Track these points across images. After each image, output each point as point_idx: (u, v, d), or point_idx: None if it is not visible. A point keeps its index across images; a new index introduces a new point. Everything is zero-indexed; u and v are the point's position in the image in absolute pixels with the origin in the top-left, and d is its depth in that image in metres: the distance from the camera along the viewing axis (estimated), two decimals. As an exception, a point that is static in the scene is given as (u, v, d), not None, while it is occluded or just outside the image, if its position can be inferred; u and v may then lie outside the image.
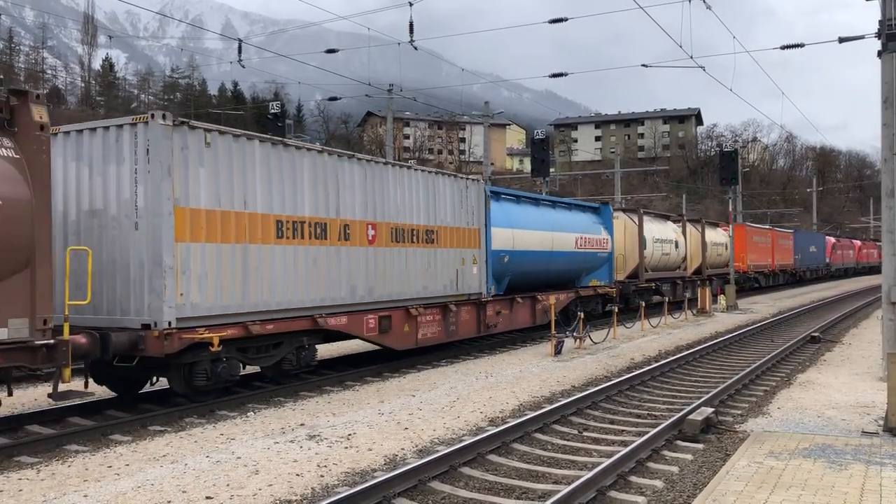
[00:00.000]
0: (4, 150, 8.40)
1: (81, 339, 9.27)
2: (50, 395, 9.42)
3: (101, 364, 10.33)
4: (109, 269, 10.46)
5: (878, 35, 13.25)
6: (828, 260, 61.80)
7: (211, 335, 10.51)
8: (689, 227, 33.42)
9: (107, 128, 10.72)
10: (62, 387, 9.25)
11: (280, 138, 13.18)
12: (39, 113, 8.71)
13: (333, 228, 13.07)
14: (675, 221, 32.72)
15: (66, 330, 8.97)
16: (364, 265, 13.77)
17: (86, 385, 10.02)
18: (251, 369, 12.97)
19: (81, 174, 10.82)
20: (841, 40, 17.65)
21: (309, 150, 12.96)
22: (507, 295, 18.49)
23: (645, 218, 27.92)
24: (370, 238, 13.96)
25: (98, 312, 10.35)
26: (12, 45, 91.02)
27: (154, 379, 11.76)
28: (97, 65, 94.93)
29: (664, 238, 29.49)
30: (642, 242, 26.81)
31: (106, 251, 10.48)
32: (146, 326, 10.13)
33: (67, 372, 8.99)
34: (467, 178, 17.68)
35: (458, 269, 16.60)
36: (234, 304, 11.18)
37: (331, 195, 13.09)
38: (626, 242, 26.25)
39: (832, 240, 65.56)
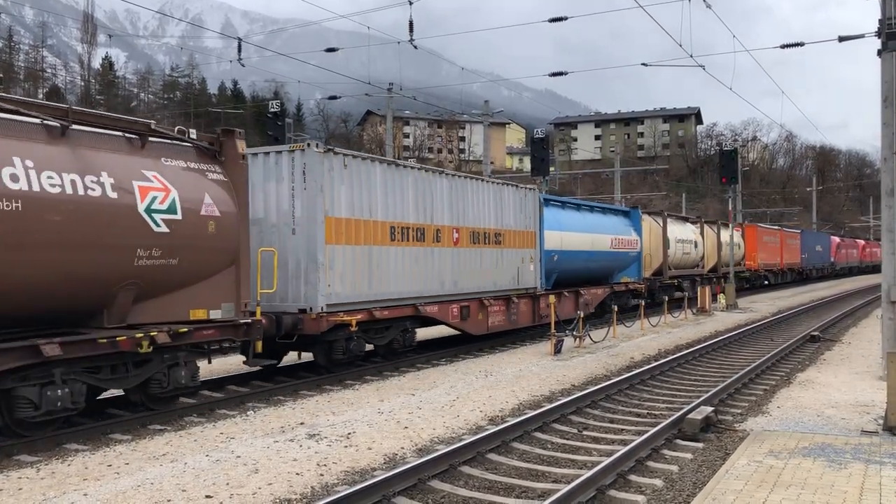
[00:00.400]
0: (217, 175, 10.99)
1: (264, 319, 11.82)
2: (245, 362, 12.05)
3: (267, 340, 12.39)
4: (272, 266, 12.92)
5: (878, 34, 13.24)
6: (832, 259, 63.54)
7: (349, 318, 13.27)
8: (706, 228, 35.61)
9: (267, 153, 13.51)
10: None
11: (393, 160, 16.86)
12: (241, 146, 11.38)
13: (429, 232, 15.86)
14: (693, 223, 34.98)
15: (258, 312, 11.64)
16: (450, 263, 16.50)
17: (252, 356, 11.78)
18: (248, 368, 12.99)
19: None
20: (841, 39, 17.65)
21: (412, 168, 15.96)
22: (554, 289, 20.73)
23: (668, 220, 30.03)
24: (455, 240, 16.69)
25: (269, 300, 12.49)
26: (12, 44, 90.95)
27: (299, 355, 14.77)
28: (97, 64, 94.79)
29: (685, 238, 31.82)
30: (666, 243, 29.05)
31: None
32: (302, 311, 12.81)
33: (259, 344, 11.56)
34: (526, 188, 20.16)
35: (518, 267, 19.25)
36: (363, 294, 13.99)
37: (427, 205, 15.81)
38: (652, 243, 28.12)
39: (837, 239, 67.28)
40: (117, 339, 9.49)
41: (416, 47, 22.81)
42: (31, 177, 8.56)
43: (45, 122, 9.04)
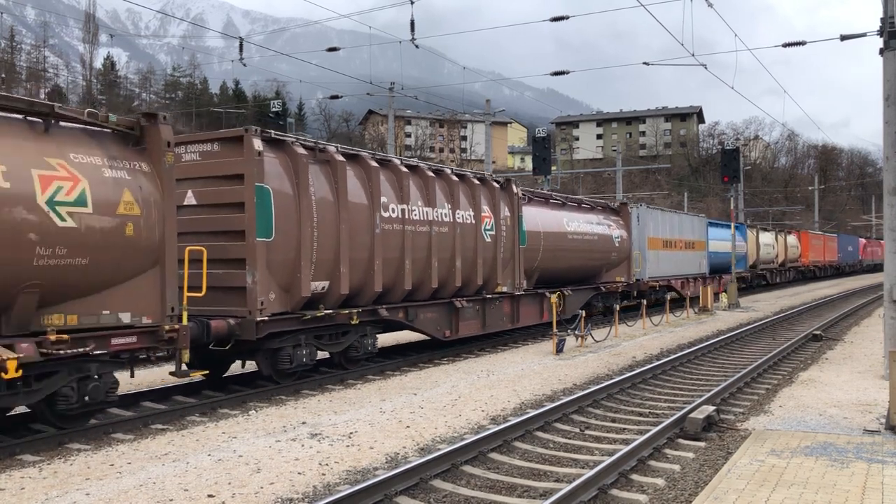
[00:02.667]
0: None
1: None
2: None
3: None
4: None
5: (880, 33, 13.22)
6: (860, 257, 77.29)
7: (654, 284, 28.16)
8: (778, 234, 51.02)
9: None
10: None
11: (687, 213, 33.74)
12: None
13: (679, 244, 30.32)
14: (770, 231, 50.10)
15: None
16: (679, 258, 30.21)
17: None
18: (250, 366, 13.00)
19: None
20: (843, 38, 17.62)
21: (677, 213, 31.67)
22: (712, 274, 34.68)
23: (758, 230, 46.10)
24: (679, 246, 30.25)
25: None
26: (14, 44, 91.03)
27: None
28: (98, 63, 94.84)
29: (767, 242, 46.92)
30: (758, 246, 44.37)
31: None
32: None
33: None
34: (700, 215, 35.91)
35: (699, 262, 33.05)
36: (659, 273, 28.04)
37: (674, 230, 29.91)
38: (749, 246, 42.43)
39: (863, 241, 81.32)
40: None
41: (417, 47, 22.81)
42: None
43: None
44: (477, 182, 17.35)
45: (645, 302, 23.71)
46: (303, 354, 12.63)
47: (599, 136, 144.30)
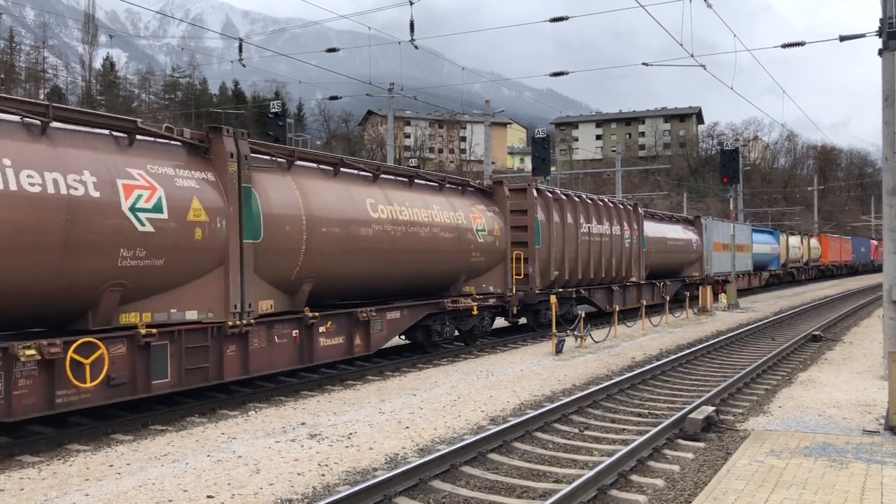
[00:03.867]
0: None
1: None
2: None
3: None
4: None
5: (879, 33, 13.22)
6: (872, 257, 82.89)
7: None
8: (803, 237, 57.86)
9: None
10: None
11: (738, 222, 39.01)
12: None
13: (732, 247, 34.81)
14: (798, 234, 57.90)
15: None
16: (733, 258, 34.68)
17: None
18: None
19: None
20: (842, 38, 17.62)
21: (736, 224, 35.19)
22: (755, 271, 42.92)
23: (788, 234, 54.29)
24: (732, 248, 34.72)
25: None
26: (13, 45, 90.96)
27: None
28: (98, 64, 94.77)
29: (795, 245, 54.78)
30: (787, 248, 51.81)
31: None
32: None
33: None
34: (746, 223, 42.52)
35: (746, 260, 40.11)
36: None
37: (733, 236, 34.40)
38: (781, 247, 49.71)
39: (875, 242, 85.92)
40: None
41: (416, 47, 22.81)
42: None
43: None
44: (621, 207, 25.75)
45: (645, 302, 24.49)
46: (548, 313, 19.73)
47: (599, 137, 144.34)
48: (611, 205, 24.78)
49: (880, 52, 13.15)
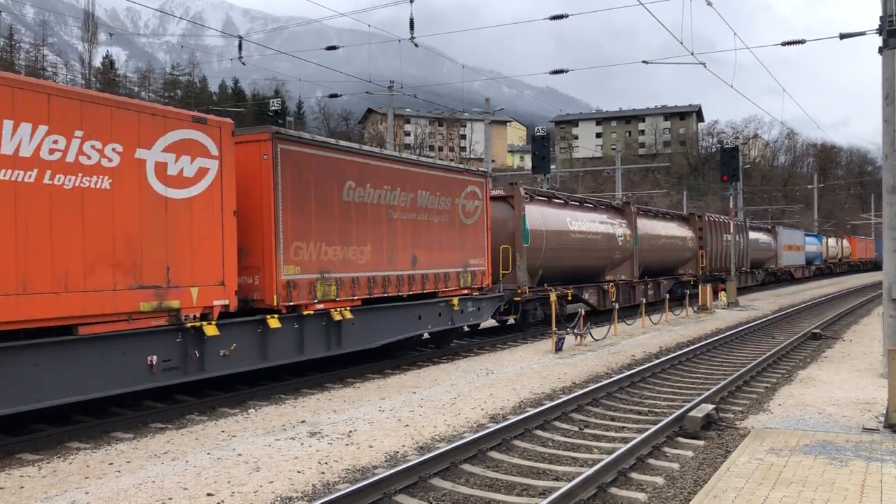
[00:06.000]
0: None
1: None
2: None
3: None
4: None
5: (879, 31, 13.21)
6: None
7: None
8: (832, 238, 69.98)
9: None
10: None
11: (797, 229, 58.66)
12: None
13: (794, 247, 51.82)
14: (832, 237, 70.74)
15: None
16: (796, 256, 52.23)
17: None
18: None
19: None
20: (842, 37, 17.59)
21: (795, 230, 56.66)
22: (807, 265, 56.73)
23: (827, 237, 67.27)
24: (794, 249, 51.42)
25: None
26: (13, 43, 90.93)
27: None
28: (98, 62, 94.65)
29: (833, 245, 66.72)
30: (828, 248, 63.10)
31: None
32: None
33: None
34: (800, 230, 57.85)
35: (802, 258, 54.03)
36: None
37: (794, 239, 52.69)
38: (824, 247, 62.70)
39: None
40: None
41: (416, 45, 22.79)
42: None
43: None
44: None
45: (644, 301, 24.65)
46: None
47: (599, 135, 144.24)
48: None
49: (880, 51, 13.14)
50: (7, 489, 7.21)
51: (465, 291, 16.65)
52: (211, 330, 10.34)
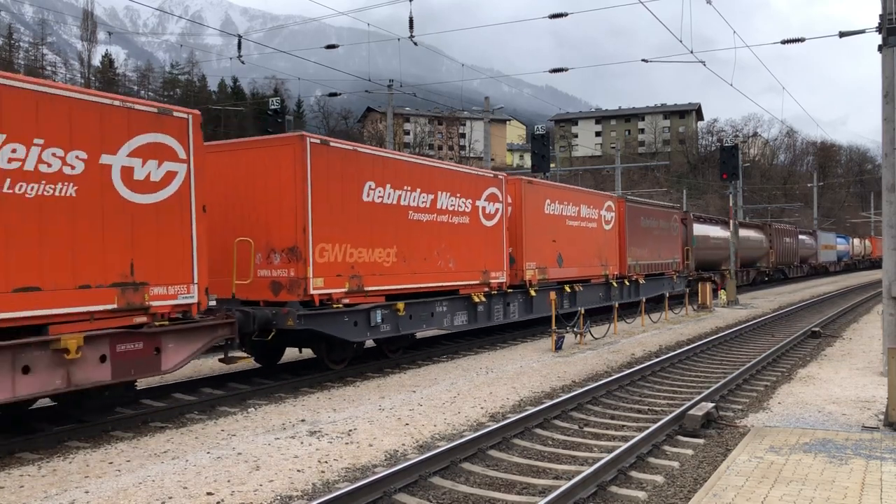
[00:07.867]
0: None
1: None
2: None
3: None
4: None
5: (879, 29, 13.21)
6: None
7: None
8: (857, 239, 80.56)
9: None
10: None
11: (832, 232, 67.75)
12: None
13: (829, 246, 64.80)
14: (858, 237, 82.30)
15: None
16: (831, 253, 64.58)
17: None
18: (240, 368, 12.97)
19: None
20: (841, 35, 17.59)
21: (830, 232, 67.03)
22: (838, 261, 68.30)
23: (855, 237, 77.42)
24: (829, 247, 63.97)
25: None
26: (12, 42, 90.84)
27: None
28: (97, 61, 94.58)
29: (857, 244, 74.05)
30: (853, 246, 69.71)
31: None
32: None
33: None
34: (831, 232, 68.76)
35: (834, 256, 65.79)
36: None
37: (827, 240, 64.23)
38: (850, 246, 71.03)
39: None
40: None
41: (416, 44, 22.78)
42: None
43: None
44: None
45: (644, 299, 24.32)
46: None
47: (598, 134, 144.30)
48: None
49: (880, 49, 13.13)
50: (7, 488, 7.21)
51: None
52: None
